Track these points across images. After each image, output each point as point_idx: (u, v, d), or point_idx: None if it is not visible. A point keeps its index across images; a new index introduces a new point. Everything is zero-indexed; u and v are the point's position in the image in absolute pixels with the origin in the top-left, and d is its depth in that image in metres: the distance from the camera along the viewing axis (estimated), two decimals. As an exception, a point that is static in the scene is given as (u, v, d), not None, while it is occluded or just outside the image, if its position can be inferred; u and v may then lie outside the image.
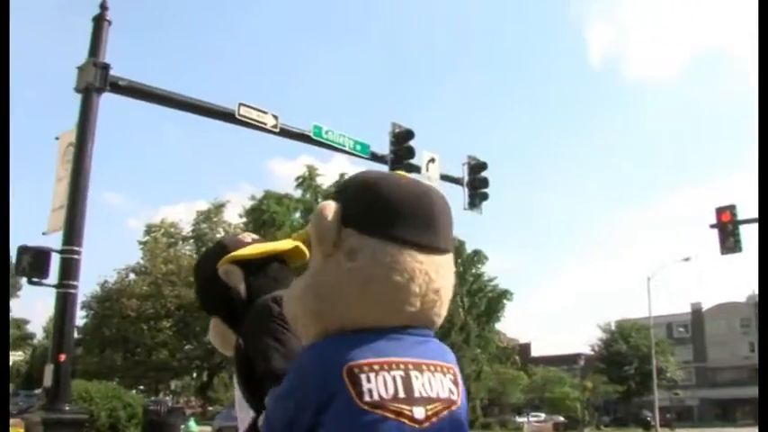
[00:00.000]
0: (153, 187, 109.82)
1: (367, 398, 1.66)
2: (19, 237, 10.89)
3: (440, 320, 1.90)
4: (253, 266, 2.50)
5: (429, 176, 16.88)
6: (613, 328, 68.28)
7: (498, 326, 56.84)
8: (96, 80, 11.86)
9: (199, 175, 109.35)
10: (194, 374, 57.76)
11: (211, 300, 2.58)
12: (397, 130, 16.31)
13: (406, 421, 1.68)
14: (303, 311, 1.83)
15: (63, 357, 10.87)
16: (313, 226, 1.82)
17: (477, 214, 17.72)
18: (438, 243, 1.82)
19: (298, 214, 46.78)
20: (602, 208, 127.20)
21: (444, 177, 17.59)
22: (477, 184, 17.67)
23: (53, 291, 11.07)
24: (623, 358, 64.11)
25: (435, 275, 1.81)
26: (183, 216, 76.23)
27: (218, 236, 56.29)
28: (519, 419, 53.63)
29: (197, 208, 57.30)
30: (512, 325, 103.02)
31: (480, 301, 52.49)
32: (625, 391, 63.14)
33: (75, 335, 53.44)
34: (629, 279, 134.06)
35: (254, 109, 14.37)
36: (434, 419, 1.72)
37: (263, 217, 45.35)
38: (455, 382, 1.82)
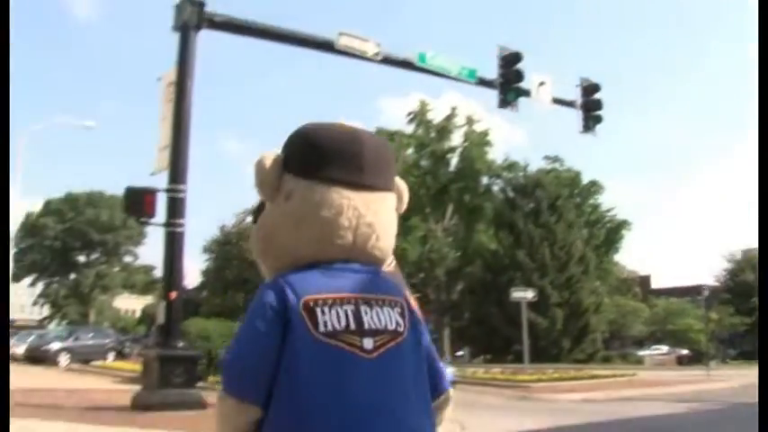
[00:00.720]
0: (271, 134, 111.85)
1: (322, 328, 1.83)
2: (134, 180, 10.96)
3: (383, 254, 2.07)
4: None
5: (540, 100, 16.09)
6: (739, 257, 65.06)
7: (617, 257, 55.29)
8: (192, 17, 11.72)
9: (311, 118, 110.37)
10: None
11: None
12: (504, 53, 15.54)
13: (357, 351, 1.84)
14: (255, 252, 2.08)
15: (173, 295, 11.01)
16: (254, 174, 2.04)
17: (592, 137, 16.86)
18: (366, 180, 1.99)
19: (410, 150, 46.37)
20: (725, 134, 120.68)
21: (557, 101, 16.74)
22: (590, 107, 16.74)
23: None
24: (750, 289, 61.12)
25: (365, 210, 1.98)
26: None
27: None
28: (640, 353, 52.28)
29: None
30: (631, 256, 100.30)
31: (599, 233, 51.10)
32: (753, 323, 60.41)
33: (200, 278, 55.90)
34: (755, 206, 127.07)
35: (354, 37, 13.94)
36: (382, 349, 1.88)
37: (374, 154, 45.24)
38: (402, 315, 1.97)
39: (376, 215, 2.03)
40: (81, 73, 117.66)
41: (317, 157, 1.99)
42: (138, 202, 10.71)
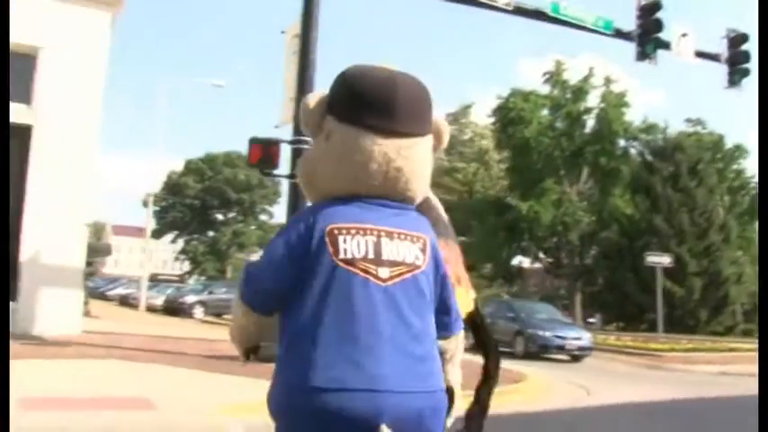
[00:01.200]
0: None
1: (342, 255, 2.00)
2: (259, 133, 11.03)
3: (414, 194, 2.21)
4: None
5: (681, 53, 15.10)
6: None
7: (762, 226, 51.90)
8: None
9: (446, 83, 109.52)
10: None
11: None
12: (642, 2, 14.65)
13: (371, 278, 2.00)
14: (300, 182, 2.29)
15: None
16: (300, 113, 2.23)
17: (737, 96, 15.75)
18: (397, 127, 2.11)
19: (545, 111, 45.11)
20: None
21: (700, 54, 15.67)
22: (737, 60, 15.54)
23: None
24: None
25: (396, 155, 2.11)
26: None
27: (465, 137, 56.41)
28: (787, 327, 49.18)
29: (446, 112, 57.37)
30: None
31: (742, 200, 48.24)
32: None
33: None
34: None
35: (486, -14, 13.50)
36: (397, 279, 2.03)
37: (509, 115, 44.27)
38: (423, 251, 2.12)
39: (406, 160, 2.15)
40: (223, 34, 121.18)
41: (353, 103, 2.14)
42: (261, 153, 10.77)
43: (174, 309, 35.15)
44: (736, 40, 15.55)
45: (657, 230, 37.91)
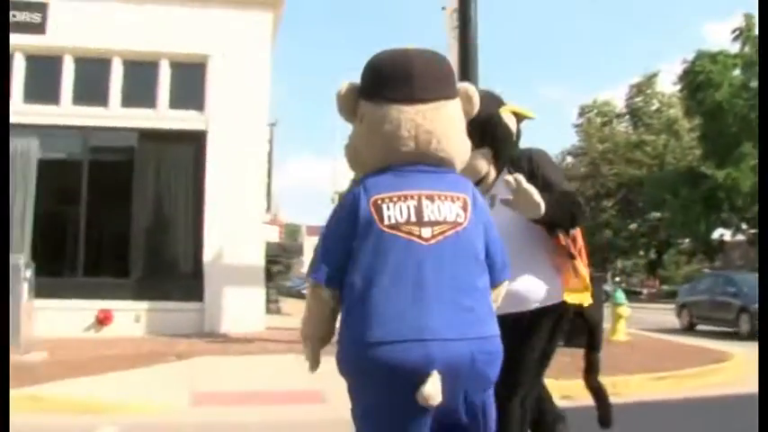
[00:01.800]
0: (587, 75, 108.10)
1: (386, 221, 2.20)
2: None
3: (448, 155, 2.36)
4: (519, 120, 3.28)
5: None
6: None
7: None
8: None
9: (628, 53, 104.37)
10: (641, 252, 56.09)
11: (490, 135, 3.11)
12: None
13: (415, 239, 2.19)
14: (348, 161, 2.49)
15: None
16: (335, 104, 2.46)
17: None
18: (418, 94, 2.31)
19: (737, 71, 41.38)
20: None
21: None
22: None
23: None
24: None
25: (422, 120, 2.29)
26: (618, 95, 73.55)
27: (652, 108, 53.25)
28: None
29: (629, 83, 54.47)
30: None
31: None
32: None
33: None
34: None
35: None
36: (440, 237, 2.20)
37: (697, 79, 40.94)
38: (464, 208, 2.28)
39: (433, 122, 2.30)
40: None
41: (375, 81, 2.35)
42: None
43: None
44: None
45: None
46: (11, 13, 12.12)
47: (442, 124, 2.33)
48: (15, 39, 12.16)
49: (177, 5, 12.68)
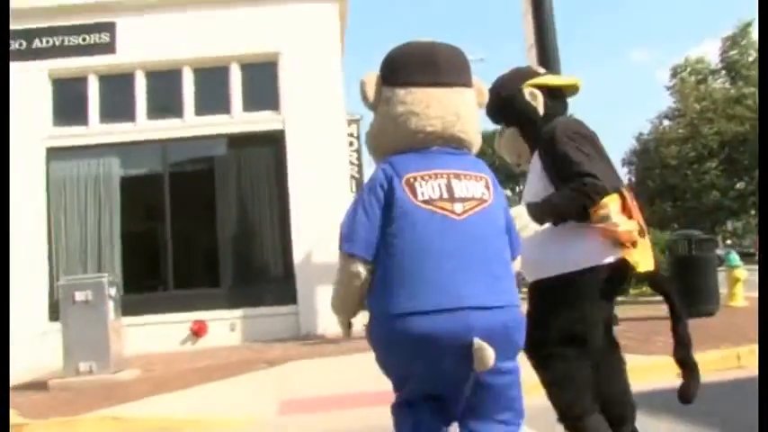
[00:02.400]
0: (670, 34, 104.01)
1: (420, 197, 2.32)
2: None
3: (468, 137, 2.53)
4: (551, 93, 3.25)
5: None
6: None
7: None
8: None
9: (713, 9, 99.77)
10: (752, 212, 53.27)
11: (513, 113, 3.26)
12: None
13: (449, 214, 2.31)
14: (369, 146, 2.64)
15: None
16: (360, 95, 2.60)
17: None
18: (443, 78, 2.49)
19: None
20: None
21: None
22: None
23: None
24: None
25: (448, 102, 2.47)
26: (708, 51, 70.23)
27: (750, 59, 50.40)
28: None
29: (721, 36, 51.74)
30: None
31: None
32: None
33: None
34: None
35: None
36: (470, 212, 2.35)
37: (799, 21, 38.48)
38: (487, 187, 2.44)
39: (457, 105, 2.49)
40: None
41: (402, 67, 2.53)
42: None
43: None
44: None
45: None
46: (80, 36, 12.24)
47: (465, 108, 2.51)
48: (87, 61, 12.29)
49: (240, 6, 12.44)
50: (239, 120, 12.46)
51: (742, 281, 11.73)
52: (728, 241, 53.49)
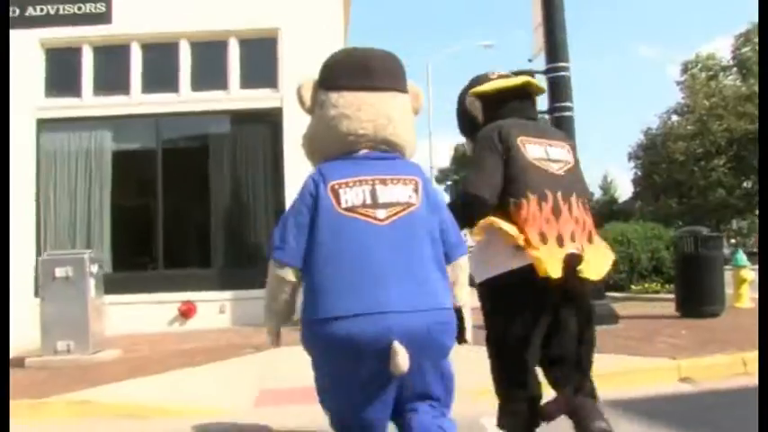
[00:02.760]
0: (682, 31, 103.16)
1: (344, 205, 2.40)
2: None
3: (401, 140, 2.65)
4: (488, 100, 3.28)
5: None
6: None
7: None
8: None
9: (724, 6, 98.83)
10: (757, 211, 52.78)
11: (462, 125, 3.46)
12: None
13: (371, 220, 2.38)
14: (305, 150, 2.76)
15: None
16: (297, 99, 2.73)
17: None
18: (376, 83, 2.59)
19: None
20: None
21: None
22: None
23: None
24: None
25: (380, 105, 2.56)
26: (720, 48, 69.59)
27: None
28: None
29: (735, 33, 51.14)
30: None
31: None
32: None
33: (631, 188, 53.44)
34: None
35: None
36: (394, 217, 2.40)
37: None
38: (415, 190, 2.49)
39: (392, 109, 2.59)
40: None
41: (337, 71, 2.63)
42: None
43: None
44: None
45: None
46: (75, 5, 11.86)
47: (398, 112, 2.58)
48: (81, 30, 11.91)
49: (241, -20, 12.05)
50: (236, 96, 12.09)
51: (749, 281, 11.35)
52: (733, 240, 53.03)
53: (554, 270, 2.88)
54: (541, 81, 9.65)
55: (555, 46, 9.63)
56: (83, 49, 11.98)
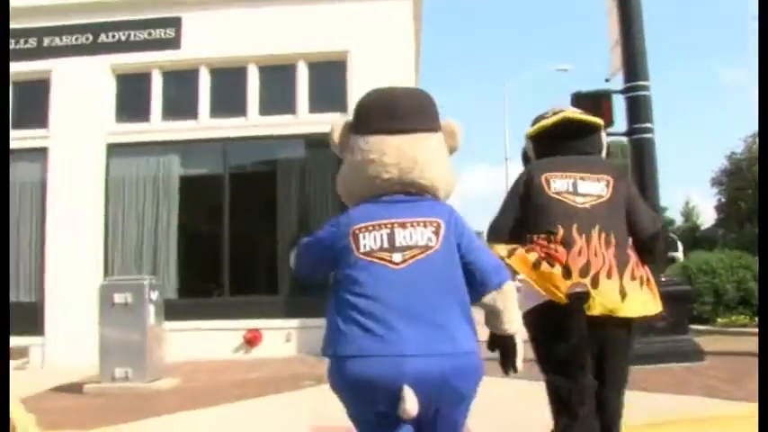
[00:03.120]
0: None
1: (362, 249, 2.39)
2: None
3: (431, 182, 2.54)
4: (537, 141, 3.53)
5: None
6: None
7: None
8: None
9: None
10: None
11: (524, 165, 3.61)
12: None
13: (387, 263, 2.35)
14: (340, 192, 2.69)
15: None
16: (330, 142, 2.70)
17: None
18: (402, 125, 2.51)
19: None
20: None
21: None
22: None
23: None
24: None
25: (407, 148, 2.49)
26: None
27: None
28: None
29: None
30: None
31: None
32: None
33: (714, 214, 51.62)
34: None
35: None
36: (411, 261, 2.36)
37: None
38: (436, 233, 2.42)
39: (418, 151, 2.51)
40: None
41: (364, 115, 2.59)
42: (589, 110, 8.73)
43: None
44: None
45: None
46: (146, 31, 11.93)
47: (426, 153, 2.52)
48: (151, 56, 11.97)
49: (309, 3, 11.90)
50: (305, 120, 11.90)
51: None
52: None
53: (601, 306, 3.08)
54: (619, 101, 9.17)
55: (635, 64, 9.11)
56: (152, 74, 12.02)
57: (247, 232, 11.96)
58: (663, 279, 8.98)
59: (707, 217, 51.24)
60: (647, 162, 9.03)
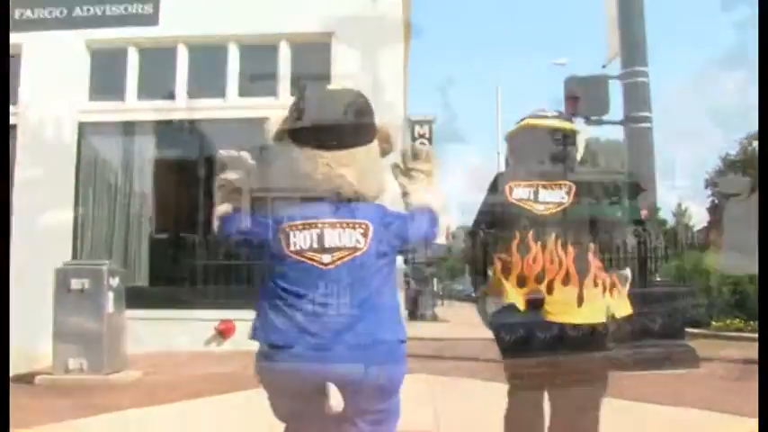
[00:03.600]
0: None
1: (292, 247, 2.48)
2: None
3: (361, 193, 2.60)
4: (508, 146, 3.79)
5: None
6: None
7: None
8: None
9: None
10: None
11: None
12: None
13: (316, 264, 2.45)
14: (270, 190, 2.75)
15: (644, 214, 8.43)
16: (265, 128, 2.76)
17: None
18: (339, 142, 2.54)
19: None
20: None
21: None
22: None
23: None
24: None
25: (336, 164, 2.53)
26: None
27: None
28: None
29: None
30: None
31: None
32: None
33: (708, 216, 51.29)
34: None
35: None
36: (338, 262, 2.46)
37: None
38: (364, 234, 2.51)
39: (347, 167, 2.54)
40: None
41: (299, 123, 2.57)
42: (582, 94, 8.24)
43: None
44: None
45: None
46: (122, 6, 11.40)
47: (356, 166, 2.57)
48: (127, 32, 11.42)
49: (294, -19, 11.39)
50: (286, 103, 11.22)
51: None
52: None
53: (557, 314, 3.11)
54: (616, 86, 8.71)
55: (633, 49, 8.64)
56: (128, 51, 11.49)
57: (224, 220, 11.46)
58: (658, 279, 8.55)
59: (700, 218, 51.05)
60: (643, 151, 8.58)
